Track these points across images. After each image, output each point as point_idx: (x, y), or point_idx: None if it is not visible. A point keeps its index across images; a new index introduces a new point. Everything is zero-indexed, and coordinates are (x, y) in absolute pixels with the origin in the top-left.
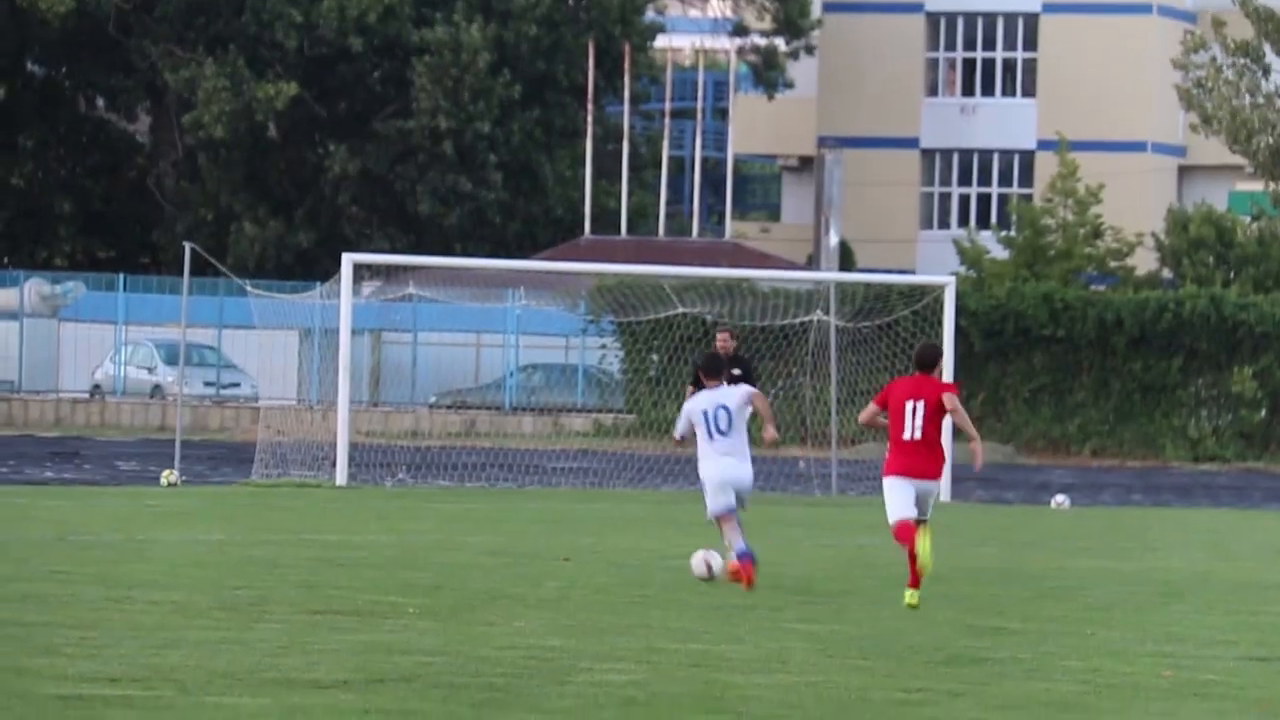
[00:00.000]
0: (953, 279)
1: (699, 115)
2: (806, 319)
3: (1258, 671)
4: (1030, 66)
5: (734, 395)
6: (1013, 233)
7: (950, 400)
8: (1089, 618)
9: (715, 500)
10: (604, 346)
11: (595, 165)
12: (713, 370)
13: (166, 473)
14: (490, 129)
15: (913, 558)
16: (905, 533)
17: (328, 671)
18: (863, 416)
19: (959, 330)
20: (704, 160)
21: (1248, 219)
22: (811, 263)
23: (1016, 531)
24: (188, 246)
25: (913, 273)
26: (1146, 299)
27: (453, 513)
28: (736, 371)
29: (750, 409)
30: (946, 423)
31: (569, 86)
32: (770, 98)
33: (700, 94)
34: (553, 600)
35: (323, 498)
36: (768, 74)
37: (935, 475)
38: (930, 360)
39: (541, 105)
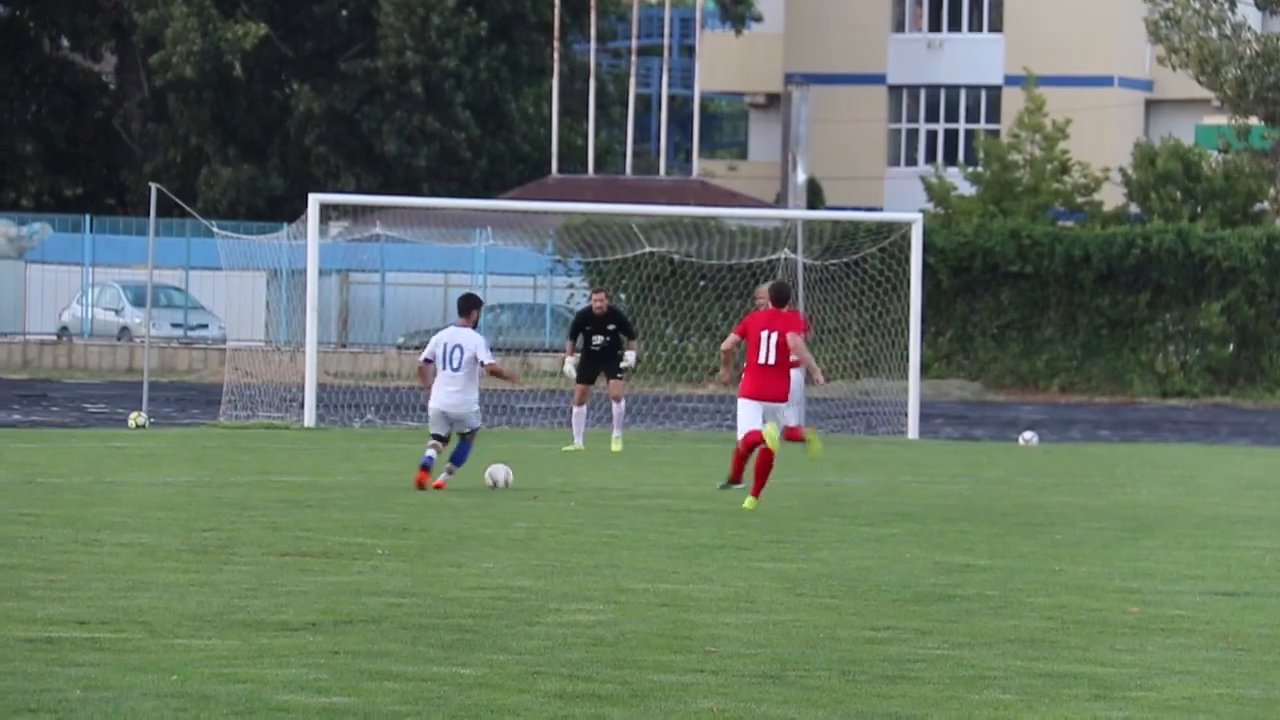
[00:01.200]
0: (920, 216)
1: (666, 52)
2: (774, 257)
3: (1224, 606)
4: (997, 2)
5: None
6: (980, 169)
7: (793, 340)
8: (1056, 554)
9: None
10: (572, 286)
11: (562, 103)
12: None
13: (134, 415)
14: (457, 67)
15: (759, 468)
16: (753, 438)
17: (296, 613)
18: (725, 344)
19: (927, 267)
20: (671, 98)
21: (1215, 153)
22: (779, 200)
23: (985, 468)
24: (154, 188)
25: (880, 210)
26: (1114, 234)
27: (421, 453)
28: (612, 326)
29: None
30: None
31: (536, 24)
32: (738, 33)
33: (667, 31)
34: (521, 541)
35: (291, 439)
36: (735, 9)
37: (783, 397)
38: (783, 297)
39: (508, 43)
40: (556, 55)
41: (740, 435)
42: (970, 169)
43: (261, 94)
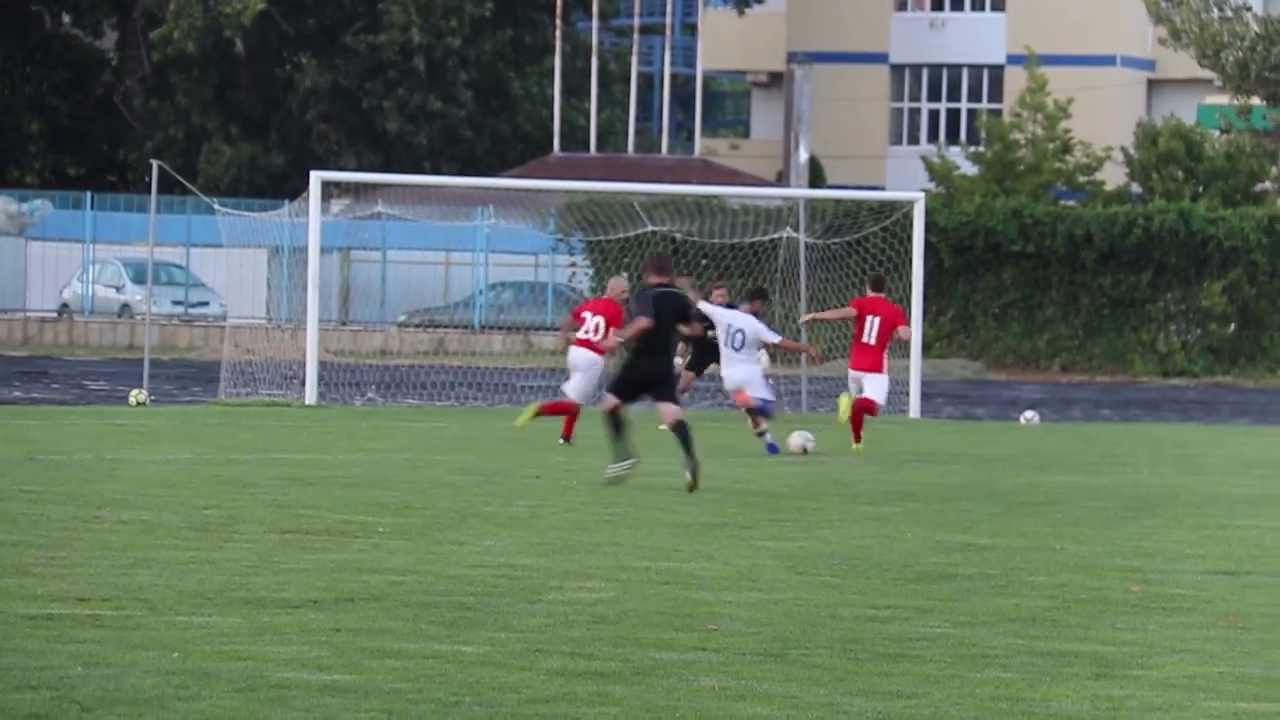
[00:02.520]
0: (922, 195)
1: (668, 31)
2: (776, 236)
3: (1225, 585)
4: None
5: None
6: (982, 148)
7: (903, 332)
8: (1058, 533)
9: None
10: (574, 264)
11: (564, 82)
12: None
13: (135, 392)
14: (461, 46)
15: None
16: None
17: (298, 590)
18: (835, 315)
19: (928, 246)
20: (673, 77)
21: (1216, 133)
22: (781, 179)
23: (986, 447)
24: (155, 165)
25: (882, 189)
26: (1115, 214)
27: (422, 431)
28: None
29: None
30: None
31: (539, 3)
32: (740, 13)
33: (669, 9)
34: (523, 519)
35: (292, 416)
36: None
37: (878, 369)
38: (879, 285)
39: (512, 22)
40: (559, 34)
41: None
42: (972, 148)
43: (263, 71)
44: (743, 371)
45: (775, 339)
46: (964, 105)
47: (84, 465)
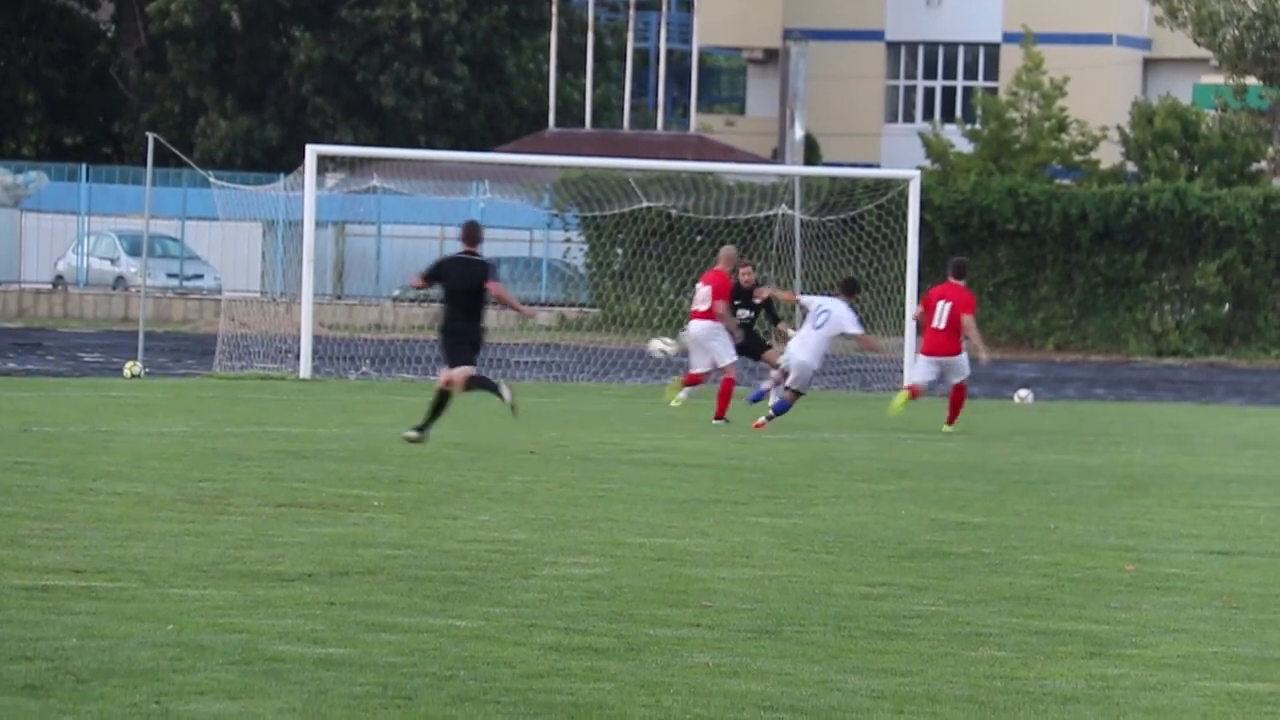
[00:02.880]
0: (918, 173)
1: (663, 7)
2: (771, 213)
3: (1219, 564)
4: None
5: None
6: (978, 126)
7: (967, 321)
8: (1052, 512)
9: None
10: (568, 240)
11: (560, 57)
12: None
13: (130, 364)
14: (457, 21)
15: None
16: (914, 391)
17: (292, 564)
18: (915, 314)
19: (924, 224)
20: (669, 53)
21: (1212, 112)
22: (776, 156)
23: (980, 426)
24: (151, 137)
25: (878, 166)
26: (1111, 193)
27: (417, 406)
28: (758, 301)
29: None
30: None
31: None
32: None
33: None
34: (517, 494)
35: (286, 390)
36: None
37: (954, 353)
38: (960, 271)
39: None
40: (555, 9)
41: (907, 384)
42: (968, 126)
43: (259, 44)
44: (805, 355)
45: (856, 331)
46: (960, 83)
47: (79, 437)
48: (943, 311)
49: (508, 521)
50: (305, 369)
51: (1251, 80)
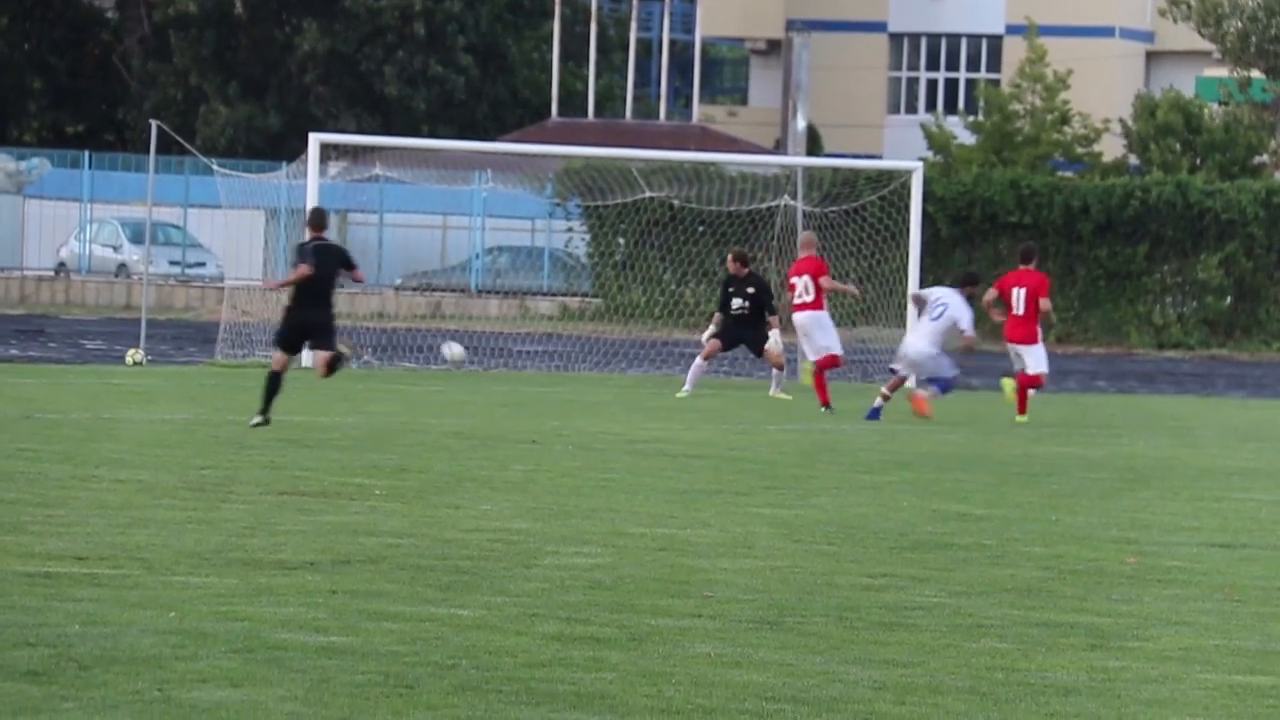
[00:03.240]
0: (920, 164)
1: None
2: (773, 203)
3: (1220, 557)
4: None
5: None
6: (980, 118)
7: (1044, 304)
8: (1053, 504)
9: None
10: (570, 229)
11: (563, 47)
12: None
13: (132, 351)
14: (460, 10)
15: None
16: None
17: (294, 552)
18: (986, 298)
19: (926, 216)
20: (671, 43)
21: (1215, 105)
22: (779, 147)
23: (982, 418)
24: (154, 125)
25: (880, 158)
26: (1113, 185)
27: (418, 395)
28: (751, 290)
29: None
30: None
31: None
32: None
33: None
34: (519, 483)
35: (288, 379)
36: None
37: (1031, 340)
38: (1028, 256)
39: None
40: None
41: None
42: (971, 118)
43: (263, 33)
44: (924, 345)
45: (968, 330)
46: (962, 75)
47: (81, 424)
48: (1019, 297)
49: (510, 511)
50: (307, 357)
51: (1255, 73)
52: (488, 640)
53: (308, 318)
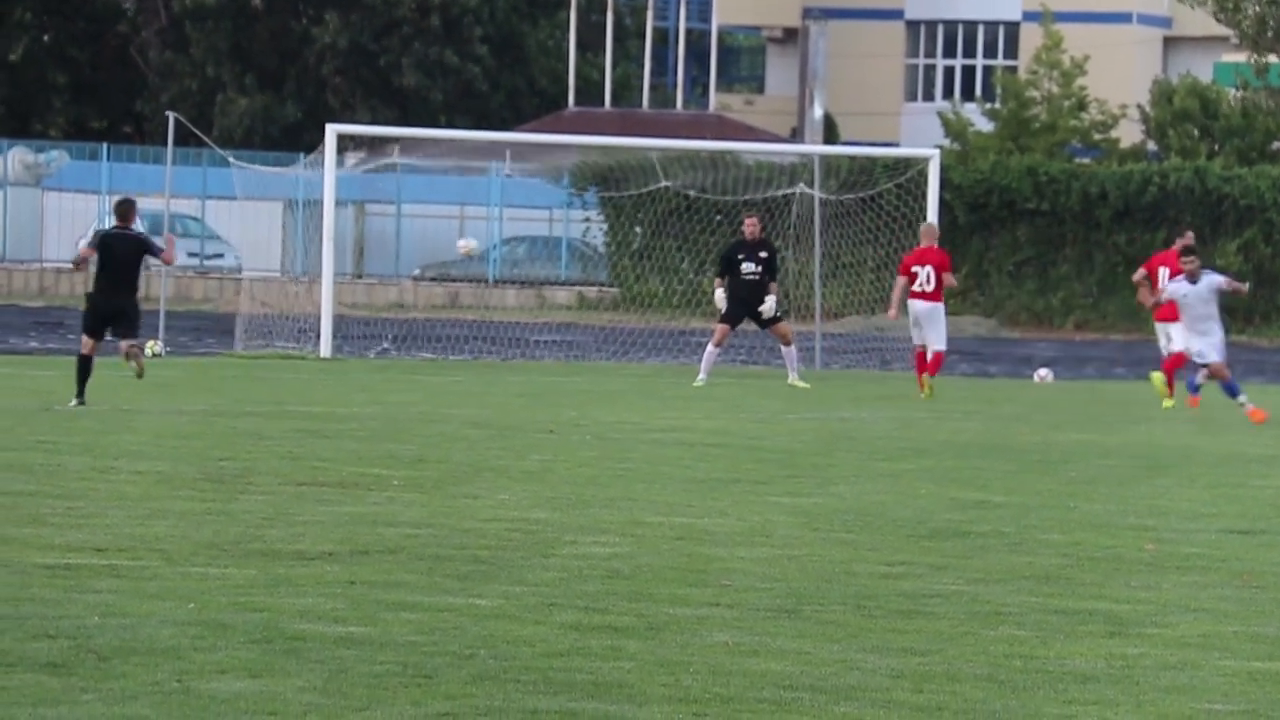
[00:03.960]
0: (937, 152)
1: None
2: (790, 192)
3: (1239, 544)
4: None
5: None
6: (997, 105)
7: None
8: (1072, 491)
9: None
10: (588, 219)
11: (579, 37)
12: None
13: (150, 343)
14: (476, 1)
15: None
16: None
17: (313, 543)
18: (1135, 277)
19: (943, 203)
20: (688, 32)
21: (1233, 91)
22: (796, 135)
23: (1000, 405)
24: (171, 117)
25: (897, 145)
26: (1131, 172)
27: (436, 385)
28: (764, 254)
29: None
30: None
31: None
32: None
33: None
34: (537, 473)
35: (307, 369)
36: None
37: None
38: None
39: None
40: None
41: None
42: (988, 105)
43: (280, 24)
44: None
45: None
46: (979, 62)
47: (100, 416)
48: (1164, 280)
49: (527, 500)
50: (325, 348)
51: (1273, 58)
52: (506, 630)
53: (110, 305)
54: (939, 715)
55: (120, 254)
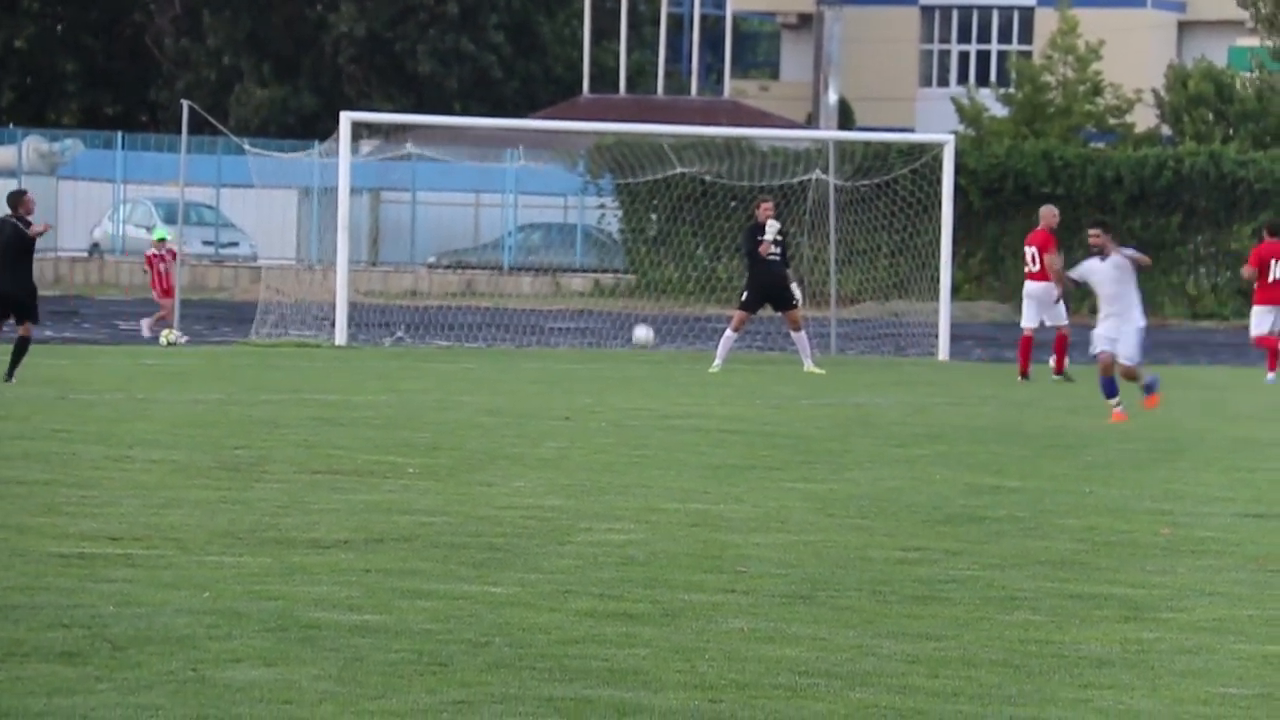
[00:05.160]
0: (952, 137)
1: None
2: (805, 178)
3: (1254, 528)
4: None
5: None
6: (1012, 90)
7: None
8: (1087, 476)
9: None
10: (603, 206)
11: (594, 24)
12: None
13: (166, 332)
14: None
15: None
16: (1266, 341)
17: (328, 531)
18: (1245, 272)
19: (958, 188)
20: (703, 18)
21: (1247, 74)
22: (811, 121)
23: (1015, 390)
24: (186, 105)
25: (912, 131)
26: (1146, 156)
27: (451, 373)
28: (781, 236)
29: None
30: None
31: None
32: None
33: None
34: (552, 460)
35: (322, 357)
36: None
37: None
38: (1276, 229)
39: None
40: None
41: (1253, 336)
42: (1002, 90)
43: (295, 12)
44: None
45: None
46: (994, 47)
47: (115, 405)
48: (1275, 268)
49: (543, 488)
50: (341, 336)
51: None
52: (521, 617)
53: (6, 292)
54: (954, 700)
55: (13, 242)
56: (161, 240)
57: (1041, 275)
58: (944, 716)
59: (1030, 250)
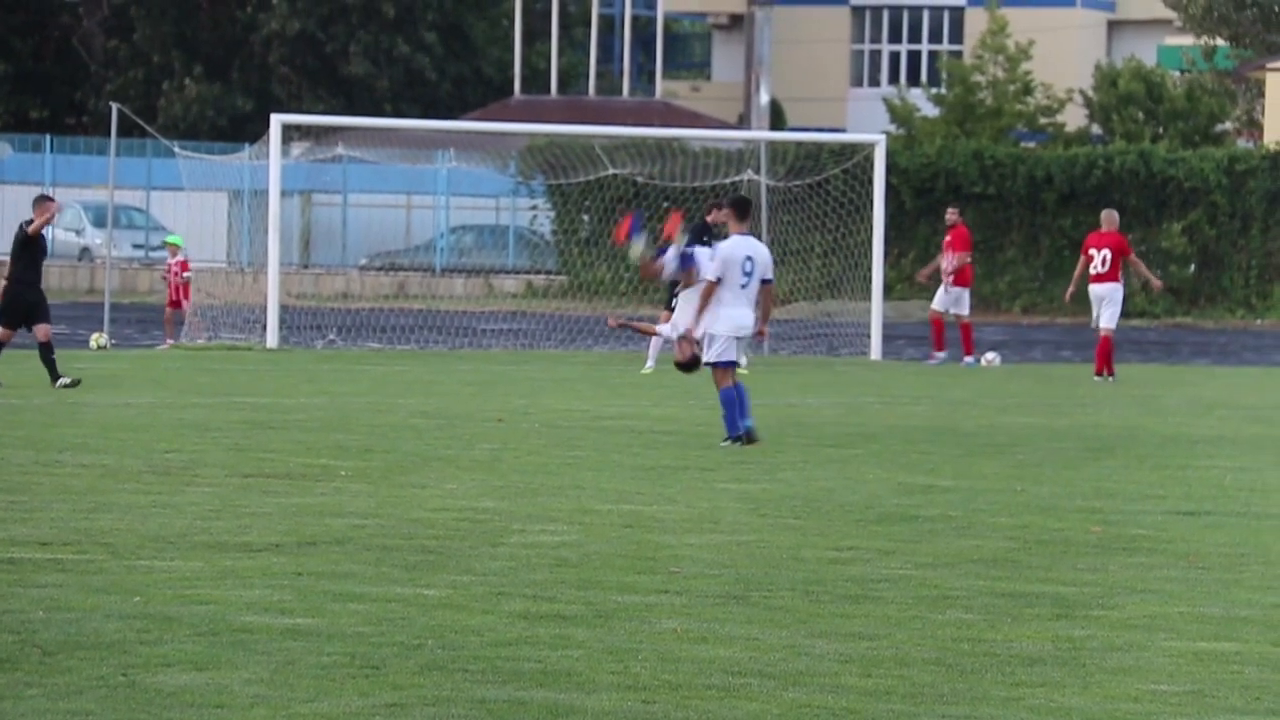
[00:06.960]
0: (883, 137)
1: None
2: (738, 178)
3: (1185, 525)
4: None
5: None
6: (943, 90)
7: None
8: (1019, 474)
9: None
10: (535, 208)
11: (525, 24)
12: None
13: (96, 335)
14: None
15: None
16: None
17: (260, 535)
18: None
19: (890, 188)
20: (634, 19)
21: (1177, 73)
22: (742, 122)
23: (947, 389)
24: (114, 107)
25: (843, 131)
26: (1076, 155)
27: (384, 375)
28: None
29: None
30: None
31: None
32: None
33: None
34: (485, 462)
35: (253, 360)
36: None
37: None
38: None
39: None
40: None
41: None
42: (933, 90)
43: (225, 12)
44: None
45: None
46: (925, 47)
47: (44, 409)
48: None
49: (475, 490)
50: (272, 339)
51: (1219, 41)
52: (454, 619)
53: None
54: (887, 699)
55: None
56: (175, 247)
57: (1110, 276)
58: (877, 715)
59: (1103, 253)
